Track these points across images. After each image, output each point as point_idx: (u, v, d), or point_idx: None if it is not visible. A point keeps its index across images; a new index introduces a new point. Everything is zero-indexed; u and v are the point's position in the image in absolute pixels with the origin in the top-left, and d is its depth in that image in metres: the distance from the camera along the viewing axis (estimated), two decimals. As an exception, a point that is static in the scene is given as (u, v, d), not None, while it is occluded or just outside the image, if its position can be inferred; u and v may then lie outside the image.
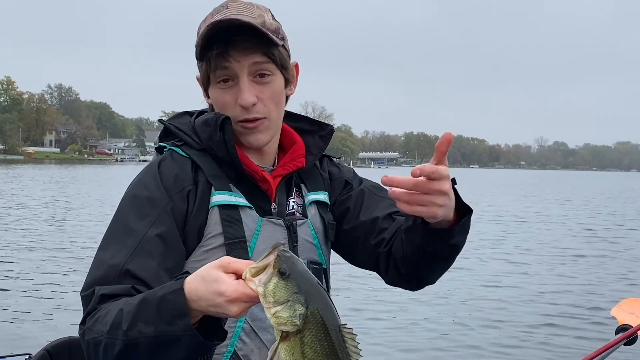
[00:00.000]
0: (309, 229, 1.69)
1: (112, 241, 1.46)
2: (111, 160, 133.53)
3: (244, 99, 1.54)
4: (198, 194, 1.55)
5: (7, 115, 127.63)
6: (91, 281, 1.41)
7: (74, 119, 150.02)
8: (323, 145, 1.79)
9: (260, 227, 1.58)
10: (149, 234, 1.45)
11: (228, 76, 1.56)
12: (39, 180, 43.57)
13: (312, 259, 1.67)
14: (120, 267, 1.39)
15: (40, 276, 10.79)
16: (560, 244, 16.87)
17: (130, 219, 1.48)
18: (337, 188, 1.82)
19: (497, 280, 11.47)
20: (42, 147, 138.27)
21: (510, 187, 59.69)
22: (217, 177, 1.58)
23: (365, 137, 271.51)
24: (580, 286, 11.13)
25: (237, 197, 1.57)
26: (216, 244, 1.52)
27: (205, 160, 1.60)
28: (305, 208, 1.73)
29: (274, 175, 1.68)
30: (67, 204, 24.98)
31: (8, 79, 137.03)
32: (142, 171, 1.62)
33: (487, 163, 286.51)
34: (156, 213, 1.48)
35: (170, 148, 1.65)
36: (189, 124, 1.69)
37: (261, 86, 1.57)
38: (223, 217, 1.54)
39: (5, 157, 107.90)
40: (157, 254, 1.44)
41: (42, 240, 15.04)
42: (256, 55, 1.54)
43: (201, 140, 1.61)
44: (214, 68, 1.56)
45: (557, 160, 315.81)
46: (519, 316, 8.88)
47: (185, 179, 1.56)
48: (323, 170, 1.83)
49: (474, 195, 40.83)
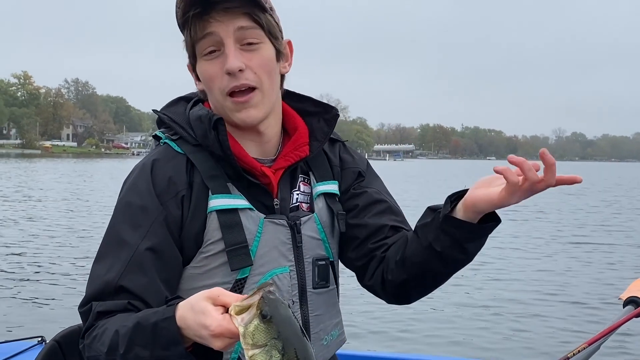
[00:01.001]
0: (315, 224, 1.60)
1: (106, 254, 1.45)
2: (128, 154, 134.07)
3: (230, 62, 1.46)
4: (193, 198, 1.50)
5: (24, 109, 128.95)
6: (88, 297, 1.41)
7: (91, 113, 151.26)
8: (328, 130, 1.65)
9: (262, 228, 1.51)
10: (141, 246, 1.42)
11: (213, 46, 1.49)
12: (57, 173, 43.82)
13: (318, 256, 1.59)
14: (114, 282, 1.39)
15: (53, 261, 10.91)
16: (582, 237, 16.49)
17: (123, 230, 1.46)
18: (349, 178, 1.71)
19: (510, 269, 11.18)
20: (59, 141, 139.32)
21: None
22: (214, 177, 1.51)
23: (381, 129, 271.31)
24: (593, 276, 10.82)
25: (235, 200, 1.50)
26: (216, 250, 1.48)
27: (201, 157, 1.53)
28: (313, 199, 1.62)
29: (275, 169, 1.57)
30: (82, 195, 25.21)
31: (25, 73, 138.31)
32: (136, 171, 1.54)
33: (505, 155, 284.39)
34: (149, 223, 1.45)
35: (165, 141, 1.57)
36: (184, 114, 1.59)
37: (249, 53, 1.49)
38: (222, 222, 1.48)
39: (23, 152, 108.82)
40: (151, 267, 1.42)
41: (56, 227, 15.36)
42: (241, 18, 1.46)
43: (196, 136, 1.54)
44: (197, 36, 1.48)
45: (575, 151, 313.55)
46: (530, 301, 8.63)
47: (180, 182, 1.50)
48: (334, 155, 1.71)
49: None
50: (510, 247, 14.30)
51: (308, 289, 1.57)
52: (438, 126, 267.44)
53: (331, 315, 1.63)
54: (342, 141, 1.76)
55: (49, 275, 9.92)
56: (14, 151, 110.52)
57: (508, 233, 16.60)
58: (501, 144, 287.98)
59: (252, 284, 1.47)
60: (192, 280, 1.49)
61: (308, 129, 1.64)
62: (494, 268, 11.53)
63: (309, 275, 1.57)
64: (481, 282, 10.35)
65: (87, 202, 22.45)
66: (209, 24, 1.46)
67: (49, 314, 7.60)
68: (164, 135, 1.58)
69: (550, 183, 1.31)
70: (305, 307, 1.56)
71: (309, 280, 1.57)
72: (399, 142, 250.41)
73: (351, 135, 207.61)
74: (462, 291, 9.34)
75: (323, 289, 1.60)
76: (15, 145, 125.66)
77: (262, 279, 1.49)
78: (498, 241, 15.27)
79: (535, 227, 18.56)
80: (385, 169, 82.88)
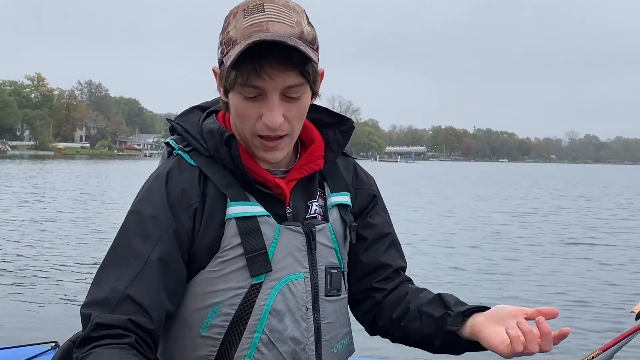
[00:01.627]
0: (329, 233, 1.61)
1: (115, 261, 1.44)
2: (140, 155, 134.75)
3: (273, 121, 1.44)
4: (206, 210, 1.50)
5: (37, 111, 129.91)
6: (91, 301, 1.40)
7: (104, 115, 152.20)
8: (343, 142, 1.65)
9: (279, 235, 1.53)
10: (151, 257, 1.42)
11: (257, 94, 1.45)
12: (71, 174, 44.07)
13: (330, 264, 1.60)
14: (121, 291, 1.38)
15: (65, 265, 10.91)
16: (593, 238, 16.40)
17: (134, 239, 1.45)
18: (364, 200, 1.73)
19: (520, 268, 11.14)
20: (72, 143, 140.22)
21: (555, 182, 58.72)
22: (231, 185, 1.52)
23: (393, 131, 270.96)
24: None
25: (254, 207, 1.51)
26: (234, 255, 1.49)
27: (214, 169, 1.53)
28: (327, 210, 1.64)
29: (288, 180, 1.58)
30: (96, 196, 25.33)
31: (39, 75, 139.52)
32: (150, 181, 1.54)
33: (517, 157, 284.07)
34: (160, 234, 1.45)
35: (178, 152, 1.57)
36: (197, 125, 1.59)
37: (289, 104, 1.47)
38: (241, 228, 1.48)
39: (36, 153, 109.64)
40: (159, 278, 1.42)
41: (69, 231, 15.28)
42: (291, 75, 1.43)
43: (209, 148, 1.54)
44: (244, 83, 1.44)
45: (589, 153, 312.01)
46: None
47: (193, 194, 1.50)
48: (348, 170, 1.73)
49: (504, 189, 40.28)
50: (523, 248, 14.23)
51: (321, 296, 1.57)
52: (450, 128, 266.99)
53: (342, 324, 1.64)
54: (354, 157, 1.77)
55: (61, 278, 9.95)
56: (27, 152, 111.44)
57: (518, 235, 16.58)
58: (514, 146, 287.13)
59: (268, 289, 1.49)
60: (207, 284, 1.49)
61: (323, 140, 1.64)
62: (503, 271, 11.50)
63: (321, 282, 1.58)
64: (490, 284, 10.32)
65: (101, 205, 22.53)
66: (259, 79, 1.41)
67: (61, 317, 7.58)
68: (177, 146, 1.59)
69: (546, 350, 1.40)
70: (318, 315, 1.57)
71: (322, 288, 1.58)
72: (410, 144, 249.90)
73: (363, 137, 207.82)
74: (470, 292, 9.29)
75: (335, 297, 1.61)
76: (29, 146, 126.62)
77: (278, 284, 1.51)
78: (510, 241, 15.32)
79: (546, 228, 18.51)
80: (396, 171, 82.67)
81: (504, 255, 13.13)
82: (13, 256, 11.68)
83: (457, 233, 16.96)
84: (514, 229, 17.99)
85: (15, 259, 11.44)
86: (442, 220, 20.10)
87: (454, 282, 10.34)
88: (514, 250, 14.12)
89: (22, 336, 6.55)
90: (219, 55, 1.48)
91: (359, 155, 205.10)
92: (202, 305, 1.48)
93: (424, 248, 13.88)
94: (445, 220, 20.14)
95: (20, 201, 22.84)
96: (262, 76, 1.40)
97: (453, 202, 28.79)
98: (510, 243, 14.15)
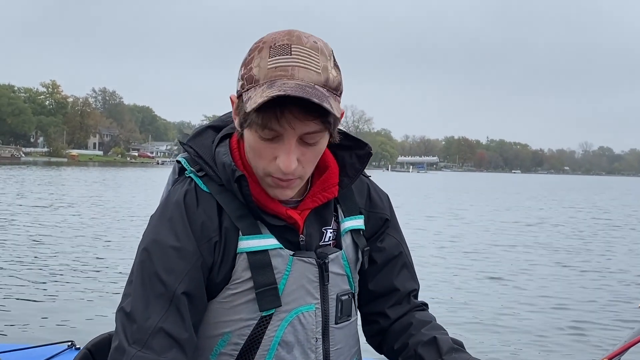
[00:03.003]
0: (342, 261, 1.58)
1: (142, 293, 1.41)
2: (152, 163, 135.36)
3: (288, 165, 1.40)
4: (223, 242, 1.47)
5: (52, 118, 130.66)
6: (124, 339, 1.38)
7: (117, 122, 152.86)
8: (360, 167, 1.59)
9: (291, 267, 1.49)
10: (179, 289, 1.40)
11: (274, 135, 1.41)
12: (87, 180, 44.36)
13: (342, 292, 1.58)
14: (154, 324, 1.37)
15: (82, 267, 11.07)
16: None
17: (161, 269, 1.42)
18: (376, 224, 1.70)
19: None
20: (85, 150, 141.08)
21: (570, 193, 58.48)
22: (243, 217, 1.48)
23: (406, 141, 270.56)
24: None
25: (266, 240, 1.48)
26: (244, 288, 1.47)
27: (227, 198, 1.49)
28: (340, 236, 1.60)
29: (302, 209, 1.54)
30: (111, 200, 25.41)
31: (53, 82, 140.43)
32: (170, 208, 1.49)
33: (530, 168, 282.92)
34: (187, 268, 1.43)
35: (190, 176, 1.54)
36: (210, 150, 1.54)
37: (305, 148, 1.42)
38: (252, 263, 1.46)
39: (50, 160, 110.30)
40: (186, 311, 1.41)
41: (85, 233, 15.51)
42: (312, 123, 1.37)
43: (221, 178, 1.50)
44: (263, 126, 1.39)
45: (602, 165, 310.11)
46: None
47: (212, 227, 1.46)
48: (361, 193, 1.69)
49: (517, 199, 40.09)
50: (533, 258, 14.23)
51: (331, 324, 1.57)
52: (463, 138, 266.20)
53: (350, 345, 1.65)
54: (368, 176, 1.73)
55: (77, 277, 10.05)
56: (40, 159, 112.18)
57: (528, 244, 16.55)
58: (527, 157, 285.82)
59: (278, 321, 1.47)
60: (218, 314, 1.48)
61: (339, 164, 1.60)
62: (513, 277, 11.50)
63: (332, 311, 1.57)
64: (502, 290, 10.33)
65: (116, 209, 22.69)
66: (279, 125, 1.37)
67: (76, 317, 7.69)
68: (190, 168, 1.55)
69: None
70: (327, 343, 1.56)
71: (332, 317, 1.57)
72: (423, 154, 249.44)
73: (375, 146, 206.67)
74: (479, 299, 9.34)
75: (345, 323, 1.60)
76: (42, 153, 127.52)
77: (288, 316, 1.49)
78: (519, 250, 15.32)
79: (554, 237, 18.50)
80: (408, 181, 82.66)
81: (511, 269, 13.07)
82: (30, 258, 11.83)
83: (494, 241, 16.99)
84: (525, 237, 18.02)
85: (31, 261, 11.56)
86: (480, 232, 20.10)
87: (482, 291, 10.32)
88: (530, 263, 14.11)
89: (38, 336, 6.69)
90: (238, 88, 1.43)
91: (371, 165, 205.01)
92: (213, 334, 1.48)
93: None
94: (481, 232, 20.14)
95: (35, 205, 23.04)
96: (282, 123, 1.36)
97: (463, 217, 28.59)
98: (518, 254, 14.06)
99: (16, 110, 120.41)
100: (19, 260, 11.51)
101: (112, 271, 10.55)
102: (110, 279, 9.89)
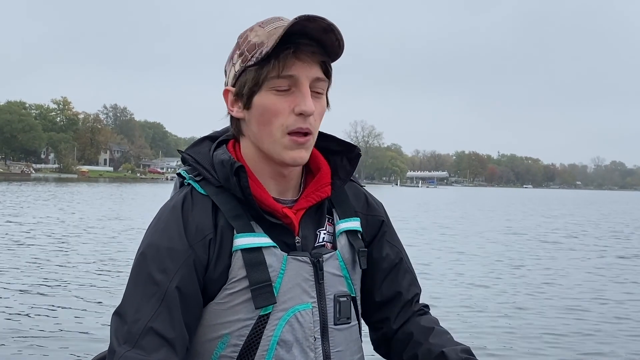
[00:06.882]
0: (337, 261, 1.61)
1: (135, 294, 1.45)
2: (162, 179, 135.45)
3: (308, 105, 1.48)
4: (218, 240, 1.52)
5: (62, 134, 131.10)
6: (115, 340, 1.41)
7: (128, 139, 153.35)
8: (351, 169, 1.67)
9: (286, 265, 1.54)
10: (170, 288, 1.43)
11: (290, 85, 1.49)
12: (98, 195, 44.33)
13: (339, 292, 1.61)
14: (144, 324, 1.40)
15: (82, 288, 10.84)
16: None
17: (153, 270, 1.46)
18: (374, 227, 1.75)
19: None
20: (96, 166, 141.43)
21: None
22: (238, 217, 1.53)
23: (416, 156, 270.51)
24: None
25: (260, 238, 1.53)
26: (240, 287, 1.50)
27: (224, 199, 1.55)
28: (336, 238, 1.65)
29: (296, 209, 1.59)
30: (120, 216, 25.43)
31: (64, 99, 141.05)
32: (167, 211, 1.55)
33: (542, 183, 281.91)
34: (178, 266, 1.47)
35: (189, 182, 1.60)
36: (208, 155, 1.62)
37: (315, 100, 1.52)
38: (246, 260, 1.50)
39: (60, 176, 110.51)
40: (178, 309, 1.44)
41: (98, 247, 15.57)
42: (317, 68, 1.49)
43: (219, 178, 1.56)
44: (276, 74, 1.48)
45: (615, 180, 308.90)
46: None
47: (207, 226, 1.52)
48: (358, 198, 1.74)
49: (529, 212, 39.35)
50: (546, 270, 13.70)
51: (329, 325, 1.57)
52: (473, 153, 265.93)
53: (352, 351, 1.62)
54: (363, 185, 1.78)
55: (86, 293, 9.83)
56: (51, 175, 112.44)
57: (544, 255, 15.94)
58: (538, 172, 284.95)
59: (275, 320, 1.50)
60: (216, 315, 1.50)
61: (331, 168, 1.66)
62: (528, 283, 11.04)
63: (330, 311, 1.57)
64: (512, 295, 10.08)
65: (127, 225, 22.49)
66: (293, 66, 1.46)
67: (73, 341, 7.37)
68: (188, 175, 1.60)
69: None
70: (327, 344, 1.57)
71: (330, 317, 1.57)
72: (433, 169, 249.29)
73: (385, 161, 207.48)
74: (488, 303, 9.41)
75: (344, 325, 1.59)
76: (53, 169, 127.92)
77: (285, 315, 1.52)
78: (534, 255, 14.68)
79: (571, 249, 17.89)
80: (418, 196, 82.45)
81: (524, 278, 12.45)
82: (44, 272, 11.75)
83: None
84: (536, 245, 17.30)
85: (45, 275, 11.47)
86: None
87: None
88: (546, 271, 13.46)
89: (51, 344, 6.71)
90: (237, 69, 1.52)
91: (381, 180, 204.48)
92: (212, 337, 1.49)
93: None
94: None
95: (46, 217, 23.27)
96: (295, 62, 1.45)
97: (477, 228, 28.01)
98: (533, 260, 13.51)
99: (27, 126, 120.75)
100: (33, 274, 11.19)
101: (119, 278, 10.22)
102: (114, 298, 9.51)
